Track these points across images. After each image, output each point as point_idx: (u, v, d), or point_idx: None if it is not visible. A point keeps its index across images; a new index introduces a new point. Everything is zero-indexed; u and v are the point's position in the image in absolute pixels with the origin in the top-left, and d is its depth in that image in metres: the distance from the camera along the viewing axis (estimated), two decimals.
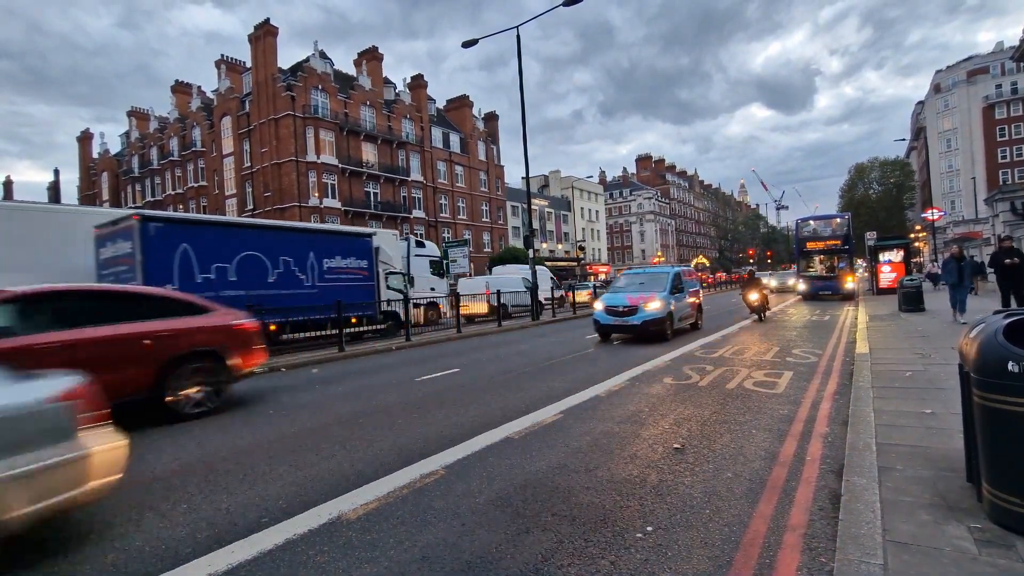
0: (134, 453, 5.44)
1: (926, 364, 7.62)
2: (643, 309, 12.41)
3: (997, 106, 69.41)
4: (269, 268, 13.35)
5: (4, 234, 11.78)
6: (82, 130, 63.33)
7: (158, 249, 11.19)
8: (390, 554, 3.09)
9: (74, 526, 3.69)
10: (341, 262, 15.17)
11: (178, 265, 11.59)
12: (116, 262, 11.52)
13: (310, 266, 14.34)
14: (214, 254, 12.24)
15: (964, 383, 3.23)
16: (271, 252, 13.44)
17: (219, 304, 8.19)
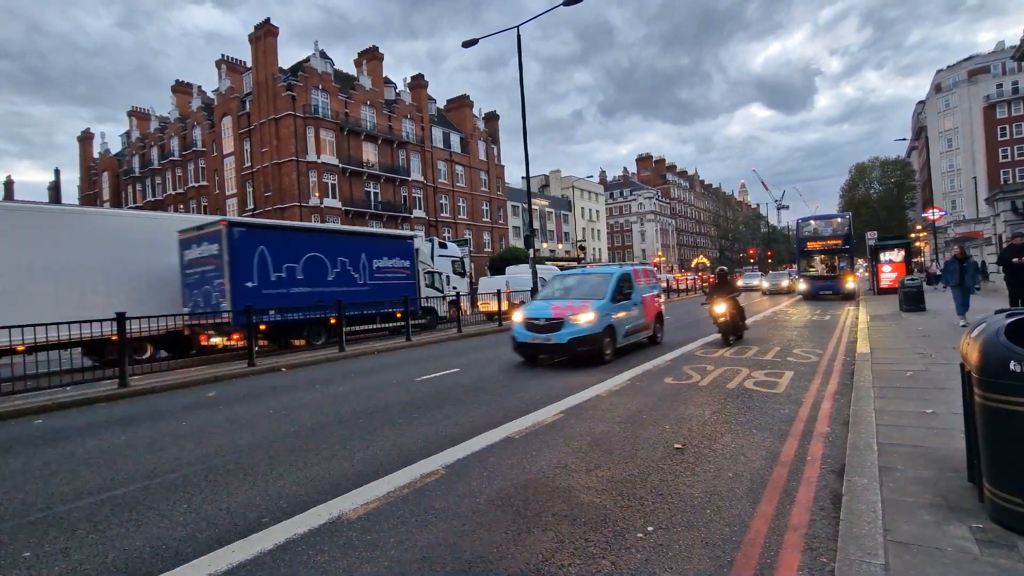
0: (134, 451, 5.46)
1: (927, 364, 7.61)
2: (570, 323, 9.41)
3: (998, 105, 69.33)
4: (329, 268, 14.89)
5: (102, 235, 13.25)
6: (83, 130, 63.32)
7: (241, 250, 12.75)
8: (391, 554, 3.09)
9: (74, 525, 3.69)
10: (388, 262, 16.80)
11: (256, 264, 13.09)
12: (202, 262, 13.06)
13: (362, 266, 15.99)
14: (285, 255, 13.77)
15: (966, 383, 3.22)
16: (331, 253, 14.97)
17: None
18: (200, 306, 13.12)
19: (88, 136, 63.02)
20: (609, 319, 9.84)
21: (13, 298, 11.27)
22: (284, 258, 13.74)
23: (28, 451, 5.79)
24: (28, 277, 11.81)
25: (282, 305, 13.41)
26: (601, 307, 9.76)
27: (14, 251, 11.72)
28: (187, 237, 13.61)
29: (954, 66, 75.78)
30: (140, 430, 6.49)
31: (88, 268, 12.69)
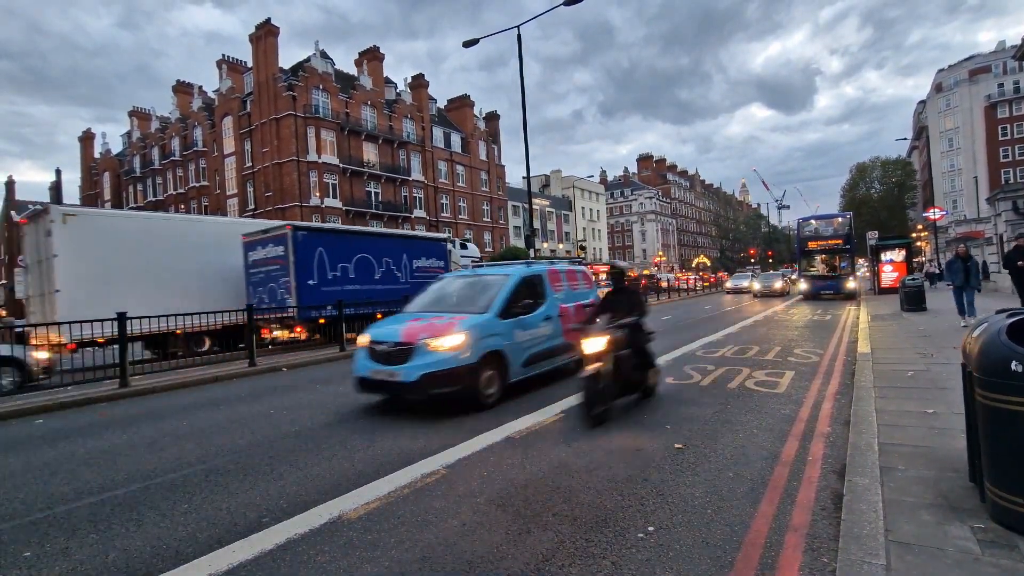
0: (135, 451, 5.46)
1: (928, 364, 7.60)
2: (424, 350, 6.37)
3: (999, 105, 69.28)
4: (375, 267, 16.29)
5: (183, 239, 14.78)
6: (84, 130, 63.37)
7: (303, 252, 14.05)
8: (391, 554, 3.09)
9: (75, 525, 3.69)
10: (426, 262, 18.13)
11: (316, 264, 14.40)
12: (267, 262, 14.46)
13: (404, 265, 17.35)
14: (339, 256, 15.14)
15: (967, 382, 3.21)
16: (377, 254, 16.42)
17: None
18: (265, 302, 14.27)
19: (89, 136, 63.06)
20: (493, 342, 6.83)
21: (104, 294, 12.34)
22: (338, 259, 15.12)
23: (29, 451, 5.79)
24: (117, 276, 13.11)
25: (339, 301, 14.17)
26: (478, 325, 6.77)
27: (107, 253, 13.16)
28: (251, 240, 15.05)
29: (955, 66, 75.73)
30: (141, 430, 6.49)
31: (166, 268, 13.99)
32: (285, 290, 13.97)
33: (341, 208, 41.19)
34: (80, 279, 12.54)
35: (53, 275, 12.46)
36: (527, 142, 20.89)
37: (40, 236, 13.14)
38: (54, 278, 12.44)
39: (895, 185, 69.26)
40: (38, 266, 13.32)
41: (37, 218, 13.51)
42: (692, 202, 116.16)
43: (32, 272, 13.67)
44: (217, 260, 15.10)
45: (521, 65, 20.10)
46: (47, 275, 12.75)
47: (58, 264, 12.45)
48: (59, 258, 12.48)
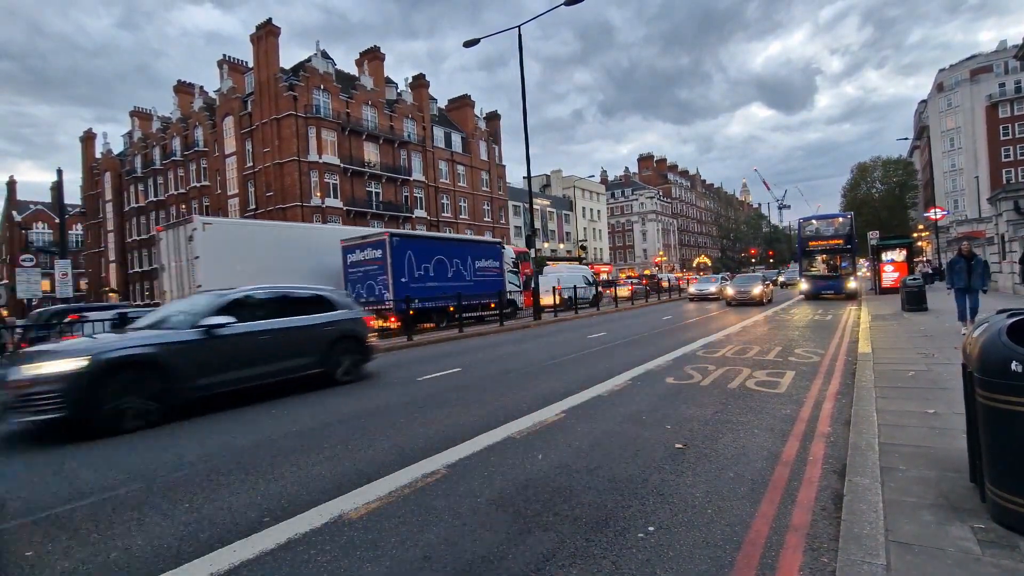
0: (139, 452, 5.47)
1: (929, 364, 7.60)
2: None
3: (1000, 105, 69.23)
4: (448, 267, 18.97)
5: (294, 243, 17.91)
6: (85, 130, 63.42)
7: (398, 254, 16.82)
8: (392, 553, 3.09)
9: (76, 525, 3.70)
10: (485, 263, 20.86)
11: (407, 265, 17.18)
12: (366, 263, 17.30)
13: (469, 266, 20.07)
14: (423, 257, 17.84)
15: (967, 382, 3.22)
16: (449, 256, 19.06)
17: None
18: (363, 296, 16.93)
19: (90, 136, 63.13)
20: None
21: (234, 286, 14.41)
22: (422, 260, 17.81)
23: (30, 450, 5.80)
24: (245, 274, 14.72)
25: (422, 296, 17.22)
26: None
27: (236, 254, 15.75)
28: (350, 244, 17.98)
29: (956, 65, 75.69)
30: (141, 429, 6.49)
31: (281, 267, 16.24)
32: (383, 286, 16.79)
33: (342, 208, 41.22)
34: (217, 276, 14.34)
35: (196, 273, 14.91)
36: (528, 142, 20.91)
37: (181, 241, 15.66)
38: (196, 276, 14.86)
39: (896, 185, 69.17)
40: (177, 266, 15.87)
41: (176, 226, 16.18)
42: (693, 202, 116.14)
43: (170, 271, 16.18)
44: (319, 261, 17.80)
45: (522, 65, 20.11)
46: (189, 273, 15.19)
47: (199, 264, 14.92)
48: (200, 259, 14.96)
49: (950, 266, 11.32)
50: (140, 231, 56.02)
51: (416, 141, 48.44)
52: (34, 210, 74.80)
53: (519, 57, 20.12)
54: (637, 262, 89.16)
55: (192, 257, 15.10)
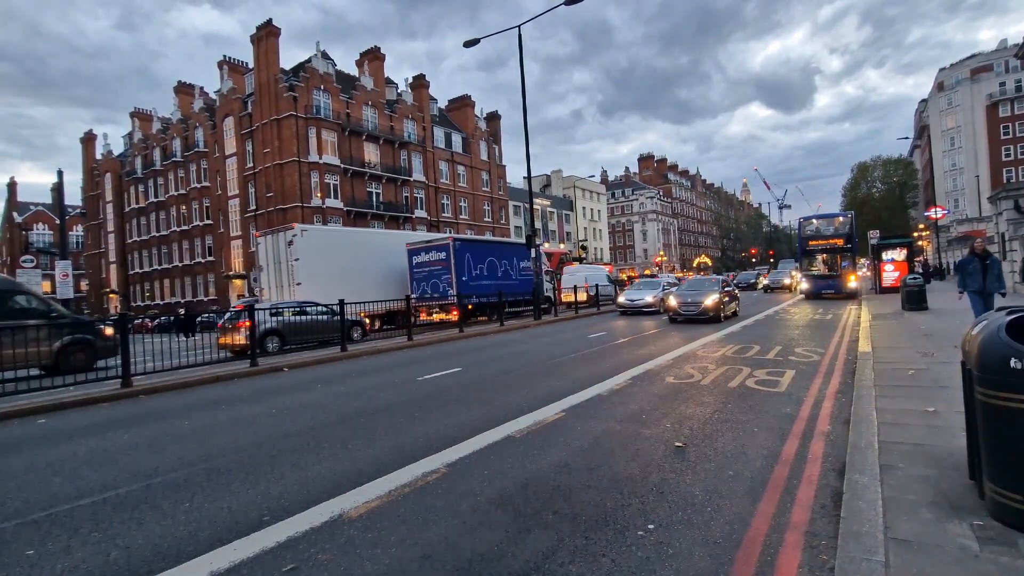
0: (136, 450, 5.48)
1: (929, 363, 7.59)
2: None
3: (1001, 104, 69.17)
4: (498, 267, 21.54)
5: (371, 247, 20.67)
6: (85, 132, 63.51)
7: (459, 256, 19.38)
8: (391, 552, 3.10)
9: (76, 524, 3.71)
10: (527, 263, 23.28)
11: (466, 265, 19.61)
12: (430, 264, 19.77)
13: (514, 266, 22.82)
14: (478, 259, 20.41)
15: (966, 380, 3.22)
16: (499, 257, 21.72)
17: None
18: (428, 293, 19.64)
19: (91, 137, 63.22)
20: None
21: (328, 287, 16.90)
22: (478, 261, 20.32)
23: (31, 451, 5.81)
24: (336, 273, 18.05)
25: (478, 292, 19.85)
26: None
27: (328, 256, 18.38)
28: (415, 247, 20.45)
29: (957, 64, 75.64)
30: (142, 430, 6.51)
31: (363, 268, 19.38)
32: (447, 284, 19.23)
33: (342, 209, 41.24)
34: (313, 275, 17.40)
35: (296, 272, 17.46)
36: (528, 142, 20.92)
37: (280, 245, 18.14)
38: (296, 274, 17.45)
39: (896, 184, 69.18)
40: (277, 266, 18.35)
41: (275, 232, 18.80)
42: (693, 202, 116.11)
43: (269, 271, 18.73)
44: (387, 262, 20.50)
45: (522, 65, 20.12)
46: (289, 273, 17.72)
47: (299, 265, 17.42)
48: (300, 261, 17.45)
49: (962, 266, 9.87)
50: (140, 232, 56.08)
51: (416, 141, 48.47)
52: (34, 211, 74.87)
53: (519, 57, 20.13)
54: (637, 262, 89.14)
55: (293, 259, 17.64)
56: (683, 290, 18.37)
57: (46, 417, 7.67)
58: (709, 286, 17.83)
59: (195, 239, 49.57)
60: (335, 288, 16.17)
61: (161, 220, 53.46)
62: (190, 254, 50.27)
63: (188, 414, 7.32)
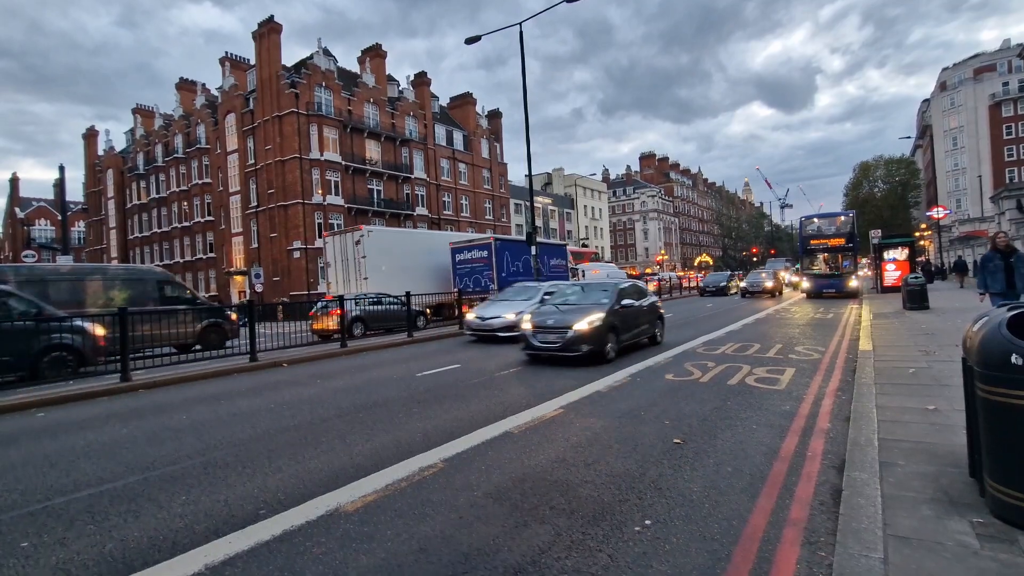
0: (134, 443, 5.47)
1: (930, 361, 7.57)
2: None
3: (1004, 104, 68.87)
4: (527, 265, 22.36)
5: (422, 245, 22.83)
6: (87, 128, 63.48)
7: (499, 254, 20.93)
8: (387, 546, 3.08)
9: (73, 516, 3.70)
10: (557, 261, 25.77)
11: (504, 262, 21.17)
12: (472, 261, 21.39)
13: (545, 263, 23.85)
14: (515, 256, 22.01)
15: (967, 377, 3.19)
16: (524, 256, 22.53)
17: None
18: (470, 287, 20.93)
19: (93, 134, 63.20)
20: None
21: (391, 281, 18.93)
22: (515, 259, 21.95)
23: (29, 443, 5.80)
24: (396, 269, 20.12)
25: None
26: None
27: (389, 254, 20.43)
28: (458, 246, 22.01)
29: (960, 64, 75.34)
30: (140, 423, 6.50)
31: (417, 264, 21.42)
32: (488, 279, 20.83)
33: (344, 206, 41.20)
34: (378, 271, 19.43)
35: (363, 269, 19.46)
36: (528, 139, 20.86)
37: (348, 244, 20.23)
38: (363, 271, 19.45)
39: (899, 184, 68.99)
40: (344, 263, 20.39)
41: (343, 233, 20.97)
42: (695, 200, 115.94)
43: (336, 267, 20.71)
44: (435, 259, 22.21)
45: (523, 63, 20.06)
46: (357, 269, 19.73)
47: (366, 262, 19.47)
48: (367, 258, 19.48)
49: (983, 264, 8.76)
50: (142, 228, 56.11)
51: (418, 139, 48.39)
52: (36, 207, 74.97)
53: (521, 55, 20.07)
54: (639, 260, 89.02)
55: (360, 257, 19.78)
56: (548, 306, 10.98)
57: (46, 410, 7.66)
58: (594, 297, 10.72)
59: (196, 235, 49.57)
60: (393, 282, 18.45)
61: (163, 216, 53.48)
62: (191, 250, 50.27)
63: (187, 408, 7.32)
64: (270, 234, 40.44)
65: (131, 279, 14.06)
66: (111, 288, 13.42)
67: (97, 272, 14.26)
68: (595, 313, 9.54)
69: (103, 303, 12.87)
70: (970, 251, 29.40)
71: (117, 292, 13.34)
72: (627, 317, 10.23)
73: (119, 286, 13.55)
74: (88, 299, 12.74)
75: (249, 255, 42.73)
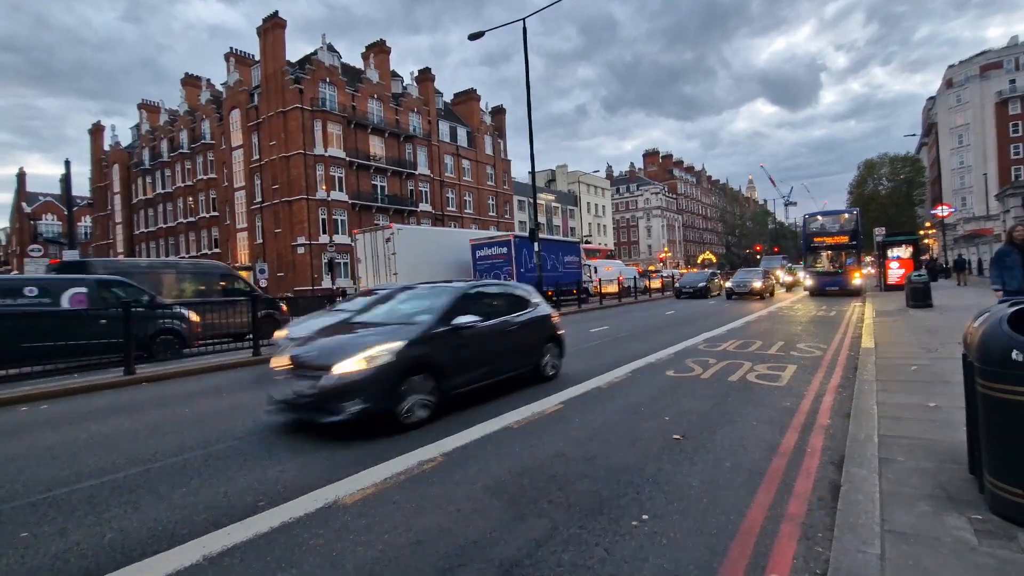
0: (136, 436, 5.50)
1: (932, 359, 7.54)
2: None
3: (1010, 102, 68.27)
4: (547, 261, 23.72)
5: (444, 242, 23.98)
6: (93, 123, 63.74)
7: (518, 251, 22.51)
8: (385, 538, 3.09)
9: (73, 507, 3.72)
10: (571, 258, 27.08)
11: (523, 258, 22.77)
12: (492, 257, 22.81)
13: (560, 260, 25.82)
14: (532, 254, 22.26)
15: (968, 373, 3.18)
16: (549, 252, 24.42)
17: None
18: None
19: (99, 129, 63.42)
20: None
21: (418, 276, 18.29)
22: (531, 256, 22.47)
23: (32, 435, 5.84)
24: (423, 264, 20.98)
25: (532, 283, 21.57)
26: None
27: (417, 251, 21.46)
28: (478, 243, 23.47)
29: (966, 61, 74.76)
30: (143, 417, 6.53)
31: (440, 260, 22.38)
32: (507, 275, 21.72)
33: (347, 202, 41.27)
34: (407, 266, 20.21)
35: (394, 265, 20.45)
36: (532, 136, 20.84)
37: (378, 242, 21.21)
38: (394, 267, 20.43)
39: (904, 182, 68.62)
40: (374, 259, 21.39)
41: (373, 230, 21.92)
42: (698, 198, 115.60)
43: (368, 263, 21.70)
44: (452, 256, 23.33)
45: (527, 59, 20.02)
46: (388, 265, 20.72)
47: (396, 259, 20.50)
48: (397, 255, 20.49)
49: (999, 259, 8.11)
50: (148, 223, 56.31)
51: (422, 135, 48.38)
52: (43, 202, 75.29)
53: (524, 51, 20.02)
54: (642, 257, 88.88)
55: (391, 253, 20.75)
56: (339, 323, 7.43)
57: (49, 403, 7.70)
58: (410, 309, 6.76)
59: (201, 231, 49.72)
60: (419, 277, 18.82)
61: (168, 212, 53.65)
62: (196, 246, 50.43)
63: (189, 401, 7.35)
64: (274, 230, 40.54)
65: (198, 273, 15.33)
66: (182, 281, 14.67)
67: (170, 266, 15.55)
68: (384, 343, 5.52)
69: (176, 295, 14.09)
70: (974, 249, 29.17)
71: (188, 285, 14.57)
72: (466, 345, 6.20)
73: (189, 279, 14.80)
74: (164, 291, 13.68)
75: (254, 250, 42.85)
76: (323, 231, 39.66)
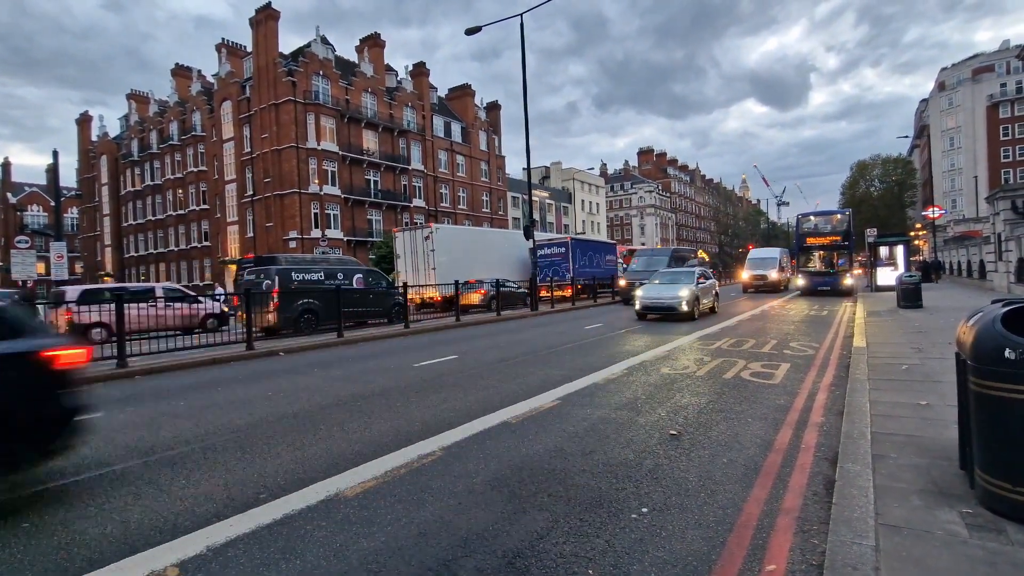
0: (133, 428, 5.48)
1: (923, 358, 7.65)
2: None
3: (1001, 105, 69.07)
4: (591, 259, 29.53)
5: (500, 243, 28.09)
6: (80, 113, 62.93)
7: (572, 250, 27.55)
8: (387, 530, 3.12)
9: (72, 499, 3.72)
10: (608, 257, 32.36)
11: (576, 257, 27.57)
12: (552, 256, 27.61)
13: (601, 259, 30.95)
14: (583, 253, 28.63)
15: (960, 370, 3.25)
16: (593, 252, 30.21)
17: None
18: (549, 276, 25.50)
19: (86, 119, 62.71)
20: None
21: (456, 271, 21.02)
22: (583, 255, 28.36)
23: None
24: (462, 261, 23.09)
25: (584, 277, 27.63)
26: None
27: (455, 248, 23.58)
28: (540, 243, 25.64)
29: (958, 64, 75.45)
30: (139, 409, 6.51)
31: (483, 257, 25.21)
32: (565, 270, 26.86)
33: (340, 196, 41.07)
34: (445, 263, 22.28)
35: (432, 261, 22.48)
36: (527, 132, 20.85)
37: (417, 239, 23.34)
38: (432, 262, 22.44)
39: (895, 183, 69.28)
40: (412, 255, 23.47)
41: (412, 229, 24.41)
42: (692, 197, 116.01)
43: (407, 259, 23.73)
44: (509, 252, 27.34)
45: (523, 54, 20.01)
46: (425, 261, 22.79)
47: (435, 255, 22.47)
48: (435, 252, 22.49)
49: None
50: (136, 215, 55.76)
51: (416, 130, 48.19)
52: (29, 192, 74.31)
53: (521, 47, 20.01)
54: None
55: (429, 250, 22.72)
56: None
57: None
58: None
59: (191, 224, 49.30)
60: (456, 272, 20.60)
61: (157, 204, 53.14)
62: (186, 238, 50.02)
63: (185, 394, 7.33)
64: (266, 223, 40.29)
65: (349, 268, 17.34)
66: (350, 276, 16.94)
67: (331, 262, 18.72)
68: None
69: None
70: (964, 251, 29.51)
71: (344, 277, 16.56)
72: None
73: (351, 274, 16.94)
74: None
75: (244, 244, 42.57)
76: (315, 225, 39.47)
